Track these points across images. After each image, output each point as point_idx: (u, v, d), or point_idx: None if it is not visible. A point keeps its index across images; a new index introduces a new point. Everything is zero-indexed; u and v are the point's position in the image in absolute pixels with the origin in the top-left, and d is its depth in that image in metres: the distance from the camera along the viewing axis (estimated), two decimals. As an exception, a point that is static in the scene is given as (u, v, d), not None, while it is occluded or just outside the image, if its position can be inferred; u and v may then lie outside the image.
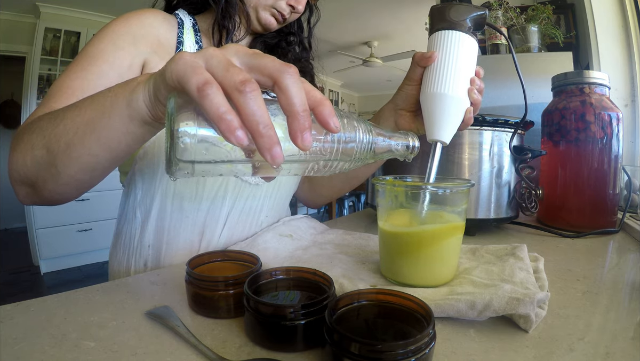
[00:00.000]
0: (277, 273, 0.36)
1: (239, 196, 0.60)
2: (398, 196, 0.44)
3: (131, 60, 0.53)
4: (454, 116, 0.46)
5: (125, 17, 0.55)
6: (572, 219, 0.70)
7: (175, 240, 0.58)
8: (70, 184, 0.41)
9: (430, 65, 0.47)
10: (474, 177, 0.64)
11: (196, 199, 0.57)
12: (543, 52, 1.34)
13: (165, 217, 0.58)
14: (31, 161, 0.41)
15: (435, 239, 0.40)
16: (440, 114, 0.46)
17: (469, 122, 0.48)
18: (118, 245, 0.62)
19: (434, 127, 0.46)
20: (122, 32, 0.53)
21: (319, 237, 0.63)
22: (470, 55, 0.47)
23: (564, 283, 0.44)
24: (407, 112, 0.54)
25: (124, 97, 0.34)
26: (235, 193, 0.60)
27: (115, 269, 0.61)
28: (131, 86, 0.34)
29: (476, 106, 0.48)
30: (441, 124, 0.46)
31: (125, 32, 0.53)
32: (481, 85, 0.48)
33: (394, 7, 3.31)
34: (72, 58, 3.28)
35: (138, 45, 0.54)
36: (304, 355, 0.29)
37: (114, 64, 0.51)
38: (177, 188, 0.57)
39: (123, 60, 0.52)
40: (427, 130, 0.47)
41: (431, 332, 0.26)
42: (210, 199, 0.58)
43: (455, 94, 0.45)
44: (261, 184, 0.62)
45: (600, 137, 0.68)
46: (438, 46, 0.46)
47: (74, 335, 0.32)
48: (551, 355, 0.29)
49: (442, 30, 0.46)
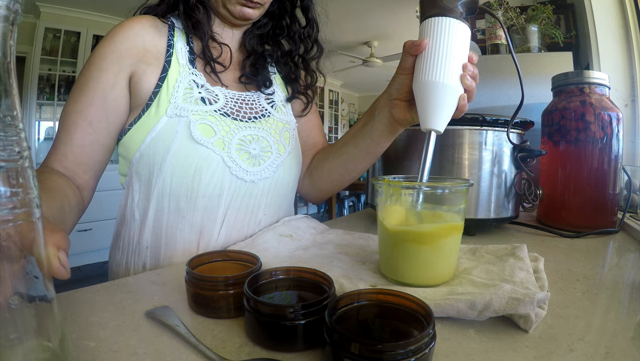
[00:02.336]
0: (277, 273, 0.36)
1: (235, 194, 0.60)
2: (394, 196, 0.44)
3: (114, 79, 0.56)
4: (447, 103, 0.45)
5: (111, 34, 0.57)
6: (572, 219, 0.70)
7: (174, 241, 0.58)
8: None
9: (421, 53, 0.46)
10: (474, 177, 0.64)
11: (192, 198, 0.57)
12: (543, 52, 1.34)
13: (163, 218, 0.58)
14: None
15: (434, 238, 0.40)
16: (433, 103, 0.45)
17: (464, 109, 0.47)
18: (117, 247, 0.62)
19: (427, 116, 0.46)
20: (107, 53, 0.56)
21: (319, 237, 0.63)
22: (462, 41, 0.46)
23: (564, 283, 0.44)
24: (401, 102, 0.53)
25: None
26: (231, 191, 0.59)
27: (115, 271, 0.62)
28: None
29: (470, 93, 0.47)
30: (434, 112, 0.45)
31: (110, 51, 0.56)
32: (474, 71, 0.47)
33: (394, 7, 3.31)
34: (72, 58, 3.33)
35: (121, 61, 0.57)
36: (304, 355, 0.29)
37: (98, 89, 0.56)
38: (173, 188, 0.57)
39: (107, 81, 0.56)
40: (421, 119, 0.47)
41: (431, 332, 0.26)
42: (206, 197, 0.58)
43: (447, 82, 0.44)
44: (257, 181, 0.61)
45: (600, 137, 0.68)
46: (428, 33, 0.46)
47: (74, 335, 0.32)
48: (551, 355, 0.29)
49: (433, 17, 0.46)
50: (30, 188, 0.22)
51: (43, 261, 0.23)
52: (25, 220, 0.21)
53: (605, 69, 1.22)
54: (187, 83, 0.59)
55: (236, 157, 0.59)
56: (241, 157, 0.59)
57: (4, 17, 0.20)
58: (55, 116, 3.32)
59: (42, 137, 3.35)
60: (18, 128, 0.22)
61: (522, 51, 1.34)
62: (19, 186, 0.21)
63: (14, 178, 0.21)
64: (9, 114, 0.21)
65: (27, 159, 0.22)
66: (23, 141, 0.22)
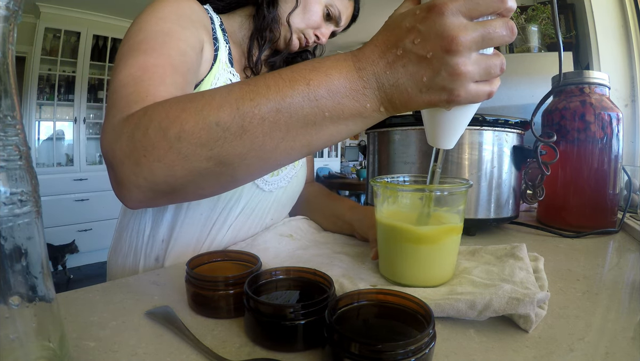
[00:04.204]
0: (277, 273, 0.36)
1: (251, 200, 0.62)
2: (392, 197, 0.44)
3: (195, 41, 0.50)
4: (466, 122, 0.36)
5: (170, 1, 0.50)
6: (572, 219, 0.70)
7: (183, 236, 0.58)
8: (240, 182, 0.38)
9: None
10: (474, 177, 0.64)
11: (213, 198, 0.58)
12: (543, 52, 1.34)
13: (181, 213, 0.58)
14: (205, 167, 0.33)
15: (433, 239, 0.40)
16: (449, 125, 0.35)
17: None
18: (123, 239, 0.61)
19: (439, 137, 0.37)
20: (180, 14, 0.50)
21: (319, 237, 0.63)
22: None
23: (564, 283, 0.44)
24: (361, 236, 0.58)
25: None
26: (248, 197, 0.61)
27: (120, 263, 0.61)
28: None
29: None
30: (450, 133, 0.36)
31: (181, 14, 0.50)
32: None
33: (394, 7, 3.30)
34: (72, 58, 3.31)
35: (197, 27, 0.52)
36: (304, 355, 0.29)
37: (187, 42, 0.48)
38: None
39: (193, 39, 0.49)
40: (430, 137, 0.38)
41: (431, 332, 0.26)
42: (226, 200, 0.59)
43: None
44: (273, 190, 0.64)
45: (600, 137, 0.68)
46: None
47: (74, 335, 0.32)
48: (551, 355, 0.29)
49: None
50: (30, 187, 0.22)
51: (43, 261, 0.23)
52: (25, 220, 0.21)
53: (605, 69, 1.22)
54: (224, 80, 0.58)
55: None
56: None
57: (4, 17, 0.20)
58: (55, 116, 3.32)
59: (42, 138, 3.35)
60: (18, 128, 0.22)
61: (522, 51, 1.35)
62: (19, 186, 0.21)
63: (14, 178, 0.21)
64: (9, 114, 0.21)
65: (27, 159, 0.22)
66: (23, 141, 0.22)
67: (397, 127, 0.67)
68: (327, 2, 0.64)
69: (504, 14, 0.29)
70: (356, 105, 0.31)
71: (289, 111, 0.31)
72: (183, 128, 0.32)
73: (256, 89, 0.31)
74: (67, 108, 3.38)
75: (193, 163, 0.32)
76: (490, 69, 0.30)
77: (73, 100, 3.34)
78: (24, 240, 0.21)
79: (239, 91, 0.32)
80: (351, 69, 0.31)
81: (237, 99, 0.31)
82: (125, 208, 0.62)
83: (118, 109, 0.37)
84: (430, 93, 0.30)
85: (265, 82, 0.32)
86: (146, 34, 0.45)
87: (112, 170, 0.36)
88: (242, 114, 0.31)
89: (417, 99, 0.30)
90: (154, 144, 0.32)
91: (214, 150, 0.32)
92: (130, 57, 0.42)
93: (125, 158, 0.34)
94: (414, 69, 0.29)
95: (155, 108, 0.34)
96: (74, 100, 3.35)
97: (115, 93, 0.39)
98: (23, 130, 0.22)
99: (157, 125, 0.32)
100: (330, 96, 0.31)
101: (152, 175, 0.33)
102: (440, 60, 0.28)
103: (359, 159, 6.42)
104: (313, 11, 0.63)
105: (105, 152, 0.36)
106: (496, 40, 0.29)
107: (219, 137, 0.31)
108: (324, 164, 5.67)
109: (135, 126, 0.34)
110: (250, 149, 0.32)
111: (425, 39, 0.28)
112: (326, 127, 0.32)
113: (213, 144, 0.31)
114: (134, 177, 0.34)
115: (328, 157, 6.06)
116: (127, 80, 0.40)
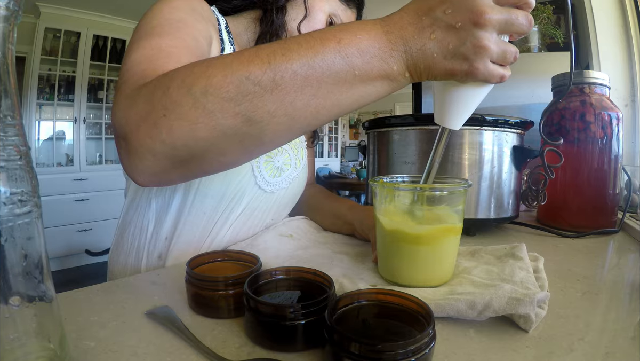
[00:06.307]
0: (277, 273, 0.36)
1: (252, 201, 0.62)
2: (389, 197, 0.44)
3: (207, 34, 0.50)
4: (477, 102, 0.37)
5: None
6: (572, 219, 0.70)
7: (185, 234, 0.58)
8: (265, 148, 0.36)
9: None
10: (474, 177, 0.64)
11: (216, 198, 0.58)
12: (543, 52, 1.34)
13: (184, 211, 0.58)
14: (232, 125, 0.31)
15: (432, 240, 0.40)
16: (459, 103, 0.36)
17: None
18: (125, 236, 0.61)
19: (446, 115, 0.38)
20: (192, 8, 0.49)
21: (319, 237, 0.63)
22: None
23: (564, 283, 0.44)
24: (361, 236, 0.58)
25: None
26: (250, 198, 0.61)
27: (122, 261, 0.60)
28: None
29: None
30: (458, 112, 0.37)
31: (194, 7, 0.50)
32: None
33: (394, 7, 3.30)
34: (72, 58, 3.31)
35: (207, 24, 0.52)
36: (304, 355, 0.29)
37: (200, 33, 0.47)
38: (203, 184, 0.57)
39: (205, 32, 0.49)
40: (437, 114, 0.39)
41: (431, 332, 0.26)
42: (228, 200, 0.59)
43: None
44: (275, 192, 0.64)
45: (600, 137, 0.68)
46: None
47: (74, 335, 0.32)
48: (551, 355, 0.29)
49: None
50: (30, 187, 0.22)
51: (43, 261, 0.23)
52: (25, 220, 0.21)
53: (605, 69, 1.22)
54: None
55: (263, 168, 0.61)
56: (267, 168, 0.62)
57: (4, 17, 0.20)
58: (55, 116, 3.32)
59: (42, 138, 3.35)
60: (18, 128, 0.22)
61: (522, 51, 1.34)
62: (19, 186, 0.21)
63: (14, 178, 0.21)
64: (9, 114, 0.21)
65: (27, 159, 0.22)
66: (23, 141, 0.22)
67: (396, 127, 0.67)
68: (330, 12, 0.64)
69: (524, 8, 0.33)
70: (384, 66, 0.32)
71: (321, 66, 0.31)
72: (210, 82, 0.30)
73: (287, 45, 0.31)
74: (67, 108, 3.38)
75: (219, 120, 0.30)
76: (506, 54, 0.33)
77: (73, 100, 3.34)
78: (24, 240, 0.21)
79: (269, 47, 0.32)
80: (379, 32, 0.32)
81: (268, 55, 0.31)
82: (128, 204, 0.61)
83: (133, 81, 0.35)
84: (453, 61, 0.32)
85: (296, 40, 0.32)
86: (160, 21, 0.44)
87: (123, 140, 0.33)
88: (274, 68, 0.30)
89: (440, 65, 0.32)
90: (176, 101, 0.30)
91: (242, 105, 0.30)
92: (143, 40, 0.40)
93: (141, 121, 0.31)
94: (442, 35, 0.31)
95: (177, 69, 0.32)
96: (74, 100, 3.34)
97: (128, 71, 0.37)
98: (23, 130, 0.22)
99: (180, 82, 0.30)
100: (360, 54, 0.32)
101: (171, 136, 0.30)
102: (467, 31, 0.31)
103: (359, 159, 6.43)
104: (317, 20, 0.63)
105: (117, 121, 0.33)
106: (516, 27, 0.32)
107: (249, 91, 0.30)
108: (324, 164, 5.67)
109: (155, 87, 0.32)
110: (281, 105, 0.31)
111: (457, 10, 0.31)
112: (356, 87, 0.33)
113: (242, 98, 0.30)
114: (150, 140, 0.31)
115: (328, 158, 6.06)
116: (141, 59, 0.38)
